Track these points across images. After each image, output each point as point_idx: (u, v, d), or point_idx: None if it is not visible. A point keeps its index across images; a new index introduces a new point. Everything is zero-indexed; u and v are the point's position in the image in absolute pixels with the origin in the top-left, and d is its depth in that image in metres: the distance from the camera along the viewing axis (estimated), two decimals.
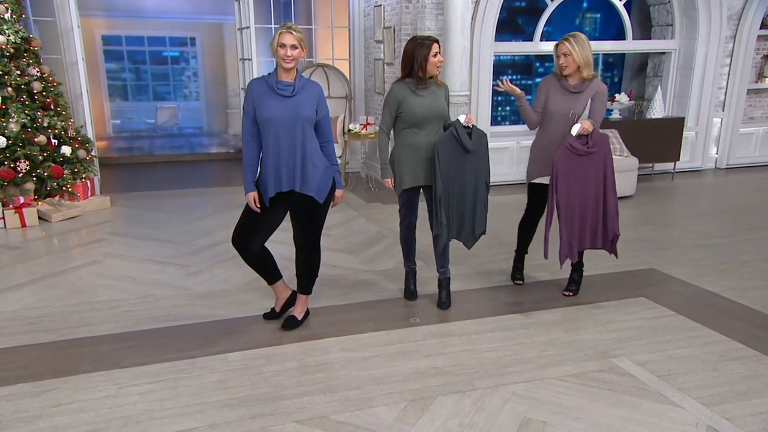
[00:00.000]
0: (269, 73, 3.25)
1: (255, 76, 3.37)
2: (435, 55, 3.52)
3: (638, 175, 7.13)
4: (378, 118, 7.87)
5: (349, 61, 8.46)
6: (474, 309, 3.87)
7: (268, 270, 3.54)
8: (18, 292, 4.14)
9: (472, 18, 7.06)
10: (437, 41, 3.56)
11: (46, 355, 3.23)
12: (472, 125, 3.61)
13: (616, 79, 10.28)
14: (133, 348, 3.31)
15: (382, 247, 5.17)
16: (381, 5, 7.48)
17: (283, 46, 3.10)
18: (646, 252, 5.00)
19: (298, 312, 3.59)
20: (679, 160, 8.09)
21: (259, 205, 3.30)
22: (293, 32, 3.11)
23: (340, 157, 7.66)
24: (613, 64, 10.47)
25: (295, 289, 3.61)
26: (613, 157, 6.72)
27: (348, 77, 8.28)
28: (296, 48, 3.12)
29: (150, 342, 3.39)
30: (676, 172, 8.31)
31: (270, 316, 3.66)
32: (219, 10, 11.01)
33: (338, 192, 3.46)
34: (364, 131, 7.27)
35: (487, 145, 3.74)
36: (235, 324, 3.62)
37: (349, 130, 7.36)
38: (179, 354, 3.23)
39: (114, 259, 4.84)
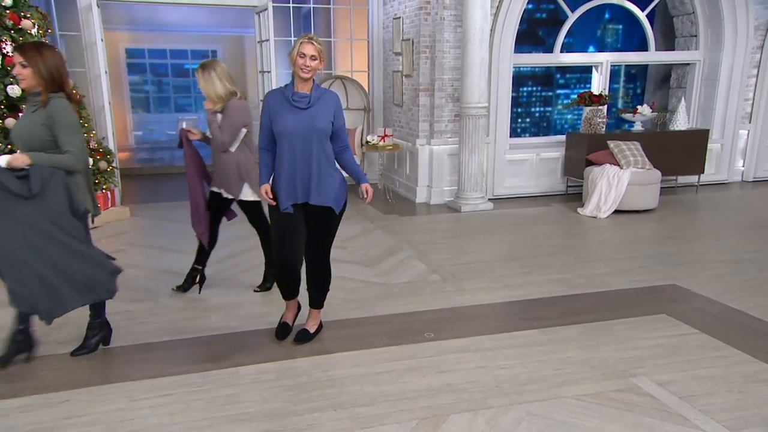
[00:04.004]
0: (286, 85, 3.22)
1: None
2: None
3: (661, 187, 7.00)
4: (396, 130, 7.86)
5: (368, 73, 8.48)
6: (490, 324, 3.80)
7: (295, 286, 3.47)
8: None
9: (491, 30, 7.03)
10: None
11: (60, 367, 3.24)
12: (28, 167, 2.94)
13: (638, 91, 10.14)
14: (146, 360, 3.31)
15: (398, 259, 5.13)
16: (400, 18, 7.49)
17: (302, 55, 3.06)
18: (668, 267, 4.88)
19: (310, 326, 3.56)
20: (703, 172, 7.92)
21: (272, 197, 3.24)
22: (314, 43, 3.08)
23: None
24: (635, 76, 10.34)
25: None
26: (635, 169, 6.63)
27: (366, 89, 8.29)
28: (315, 59, 3.09)
29: (163, 354, 3.39)
30: (701, 184, 8.13)
31: (283, 334, 3.56)
32: (240, 23, 11.13)
33: (365, 186, 3.36)
34: (381, 143, 7.26)
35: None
36: (248, 337, 3.61)
37: (367, 142, 7.35)
38: (191, 367, 3.22)
39: (131, 269, 4.86)
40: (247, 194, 4.07)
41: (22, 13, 5.90)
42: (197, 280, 4.31)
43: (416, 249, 5.43)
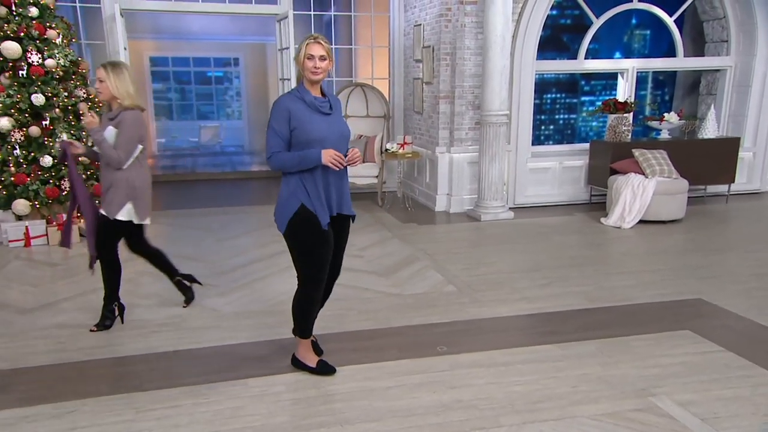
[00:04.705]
0: (297, 89, 3.01)
1: None
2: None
3: (689, 197, 6.79)
4: (416, 138, 7.79)
5: (389, 81, 8.44)
6: (506, 338, 3.70)
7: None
8: (52, 310, 4.21)
9: (513, 36, 6.93)
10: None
11: (70, 376, 3.24)
12: None
13: (666, 98, 9.91)
14: (154, 371, 3.29)
15: (414, 269, 5.05)
16: (421, 24, 7.44)
17: (311, 57, 2.91)
18: (694, 280, 4.70)
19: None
20: (733, 182, 7.67)
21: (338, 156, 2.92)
22: (321, 42, 2.93)
23: (376, 176, 7.61)
24: (663, 82, 10.11)
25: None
26: (661, 179, 6.43)
27: (387, 96, 8.25)
28: (325, 59, 2.93)
29: (172, 365, 3.37)
30: (731, 194, 7.88)
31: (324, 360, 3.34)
32: (262, 31, 11.21)
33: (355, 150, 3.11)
34: (401, 151, 7.20)
35: None
36: (257, 348, 3.57)
37: (387, 150, 7.30)
38: (199, 378, 3.19)
39: (147, 276, 4.87)
40: (125, 215, 3.71)
41: (48, 24, 6.01)
42: (189, 282, 4.23)
43: (433, 259, 5.34)
